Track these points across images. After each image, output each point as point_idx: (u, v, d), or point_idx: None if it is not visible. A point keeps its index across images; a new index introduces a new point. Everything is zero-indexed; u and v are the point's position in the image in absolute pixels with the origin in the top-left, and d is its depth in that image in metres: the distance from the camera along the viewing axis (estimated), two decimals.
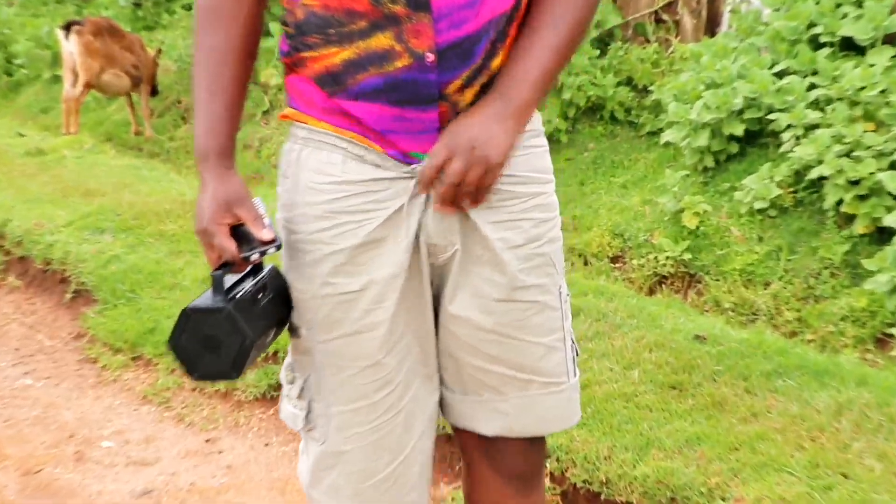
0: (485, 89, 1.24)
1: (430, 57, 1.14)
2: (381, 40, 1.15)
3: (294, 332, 1.34)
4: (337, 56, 1.15)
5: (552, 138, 4.72)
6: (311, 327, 1.28)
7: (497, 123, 1.22)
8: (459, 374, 1.36)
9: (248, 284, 1.25)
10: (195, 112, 1.29)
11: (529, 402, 1.39)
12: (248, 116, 6.94)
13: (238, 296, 1.20)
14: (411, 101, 1.18)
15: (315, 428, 1.36)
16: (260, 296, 1.25)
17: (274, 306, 1.29)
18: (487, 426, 1.38)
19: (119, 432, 2.93)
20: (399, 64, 1.15)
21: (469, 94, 1.24)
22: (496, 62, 1.24)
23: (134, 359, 3.40)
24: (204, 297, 1.20)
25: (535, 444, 1.48)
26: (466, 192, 1.19)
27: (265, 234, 1.22)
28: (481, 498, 1.53)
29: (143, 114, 7.01)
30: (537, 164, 1.34)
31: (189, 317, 1.20)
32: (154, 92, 7.02)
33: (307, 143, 1.22)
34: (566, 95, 4.71)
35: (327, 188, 1.22)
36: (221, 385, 3.11)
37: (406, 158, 1.20)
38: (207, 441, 2.88)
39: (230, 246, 1.18)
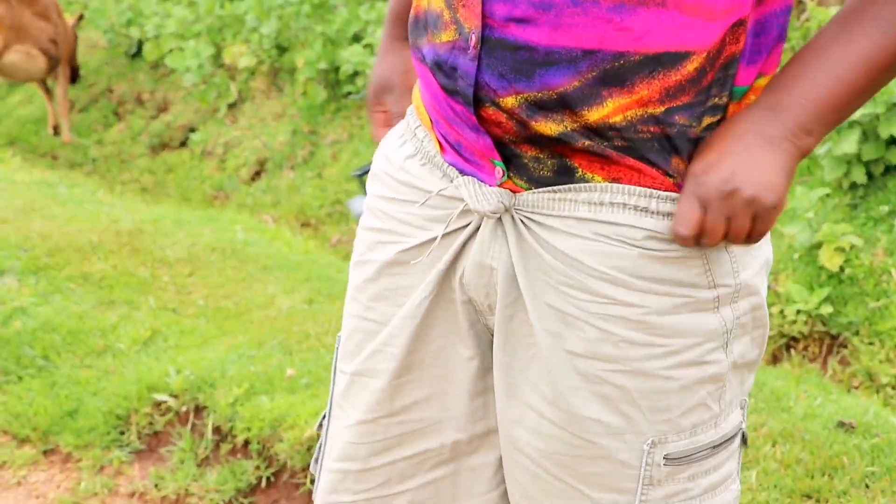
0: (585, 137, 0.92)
1: (473, 40, 0.88)
2: None
3: None
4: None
5: None
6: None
7: (765, 151, 0.92)
8: None
9: None
10: None
11: None
12: (209, 112, 5.38)
13: None
14: (454, 93, 0.92)
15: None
16: None
17: None
18: None
19: None
20: (445, 37, 0.91)
21: (551, 129, 0.94)
22: (595, 114, 0.92)
23: (45, 453, 2.54)
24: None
25: None
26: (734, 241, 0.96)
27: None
28: None
29: (61, 108, 5.45)
30: (652, 269, 0.98)
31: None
32: (74, 77, 5.54)
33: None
34: None
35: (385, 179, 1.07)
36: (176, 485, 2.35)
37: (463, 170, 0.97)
38: None
39: (379, 137, 1.12)
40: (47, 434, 2.51)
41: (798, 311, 2.98)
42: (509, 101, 0.88)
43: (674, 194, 0.88)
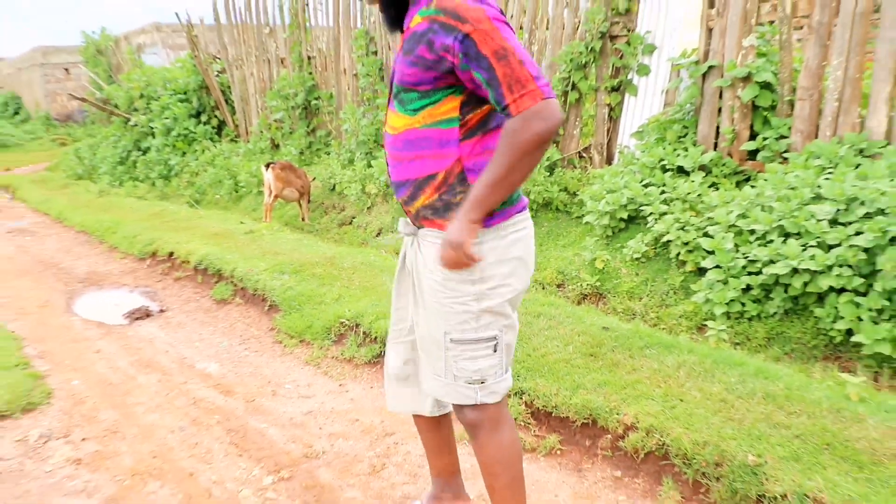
0: (420, 213, 1.84)
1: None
2: None
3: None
4: None
5: None
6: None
7: (456, 226, 1.72)
8: None
9: None
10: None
11: None
12: (362, 210, 7.67)
13: None
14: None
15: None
16: None
17: None
18: None
19: (294, 381, 3.74)
20: None
21: (411, 211, 1.86)
22: (418, 204, 1.82)
23: (301, 341, 4.26)
24: None
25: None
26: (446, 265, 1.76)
27: None
28: None
29: (304, 211, 8.20)
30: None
31: None
32: (309, 200, 8.24)
33: None
34: (532, 196, 5.75)
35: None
36: (348, 354, 3.86)
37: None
38: (340, 385, 3.66)
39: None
40: (301, 334, 4.24)
41: (587, 285, 4.66)
42: (399, 201, 1.83)
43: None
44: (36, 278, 6.49)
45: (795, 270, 3.64)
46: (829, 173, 4.03)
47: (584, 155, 6.32)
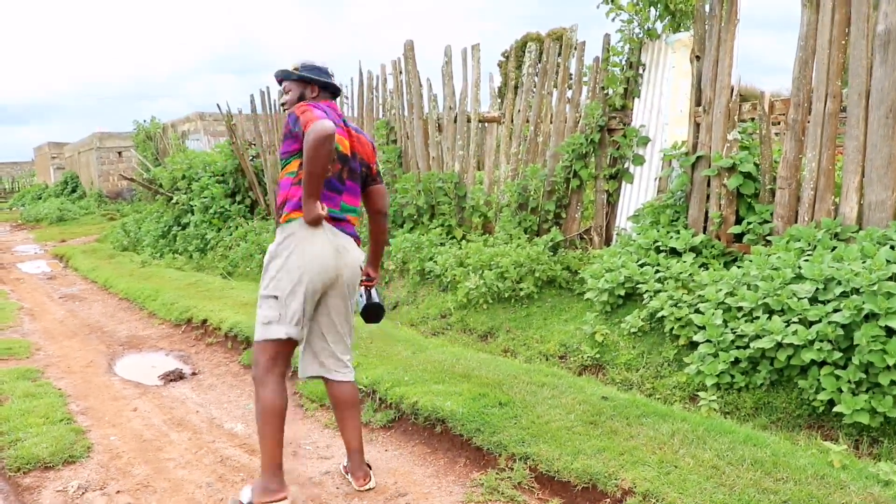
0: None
1: None
2: None
3: None
4: None
5: (529, 297, 5.71)
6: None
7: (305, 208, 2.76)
8: None
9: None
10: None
11: None
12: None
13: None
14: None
15: None
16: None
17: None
18: None
19: (313, 442, 3.74)
20: None
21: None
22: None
23: (321, 405, 4.24)
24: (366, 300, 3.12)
25: None
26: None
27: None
28: None
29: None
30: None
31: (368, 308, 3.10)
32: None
33: None
34: (536, 274, 5.75)
35: None
36: (365, 419, 3.82)
37: None
38: None
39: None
40: (322, 398, 4.19)
41: (587, 356, 4.61)
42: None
43: None
44: (82, 340, 6.55)
45: (780, 345, 3.65)
46: (809, 255, 4.07)
47: (585, 236, 6.39)
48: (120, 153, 26.38)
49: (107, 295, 9.19)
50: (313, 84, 3.05)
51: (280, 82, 3.12)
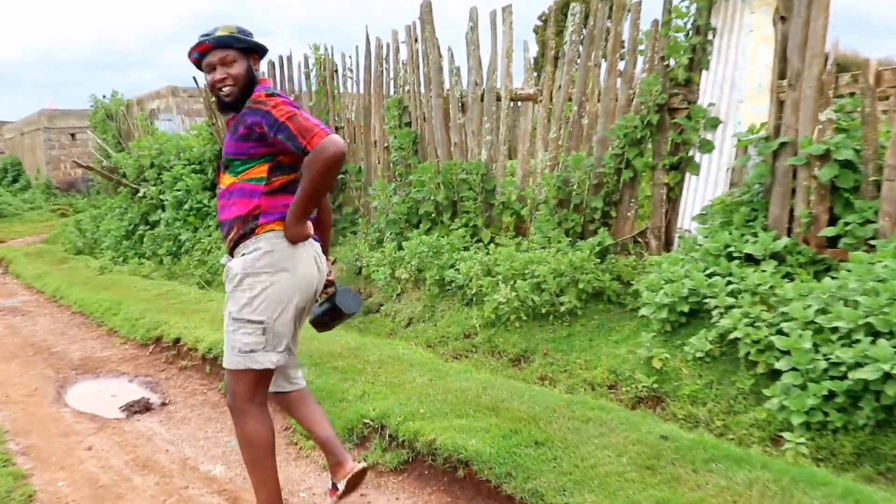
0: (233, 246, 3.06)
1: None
2: None
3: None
4: None
5: (571, 312, 5.81)
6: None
7: (289, 230, 2.96)
8: None
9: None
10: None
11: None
12: (389, 297, 7.63)
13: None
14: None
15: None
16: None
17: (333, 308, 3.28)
18: None
19: (309, 488, 3.83)
20: None
21: (228, 245, 3.08)
22: (231, 236, 3.04)
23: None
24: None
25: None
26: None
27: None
28: None
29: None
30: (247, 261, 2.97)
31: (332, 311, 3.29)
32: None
33: None
34: (580, 286, 5.82)
35: None
36: (372, 459, 3.91)
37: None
38: (362, 496, 3.74)
39: None
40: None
41: (643, 386, 4.65)
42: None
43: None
44: (24, 363, 6.65)
45: (888, 376, 3.61)
46: None
47: (640, 240, 6.42)
48: (73, 135, 26.76)
49: (56, 308, 9.33)
50: (257, 55, 3.11)
51: (205, 53, 3.06)
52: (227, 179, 3.06)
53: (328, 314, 3.37)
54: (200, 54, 3.04)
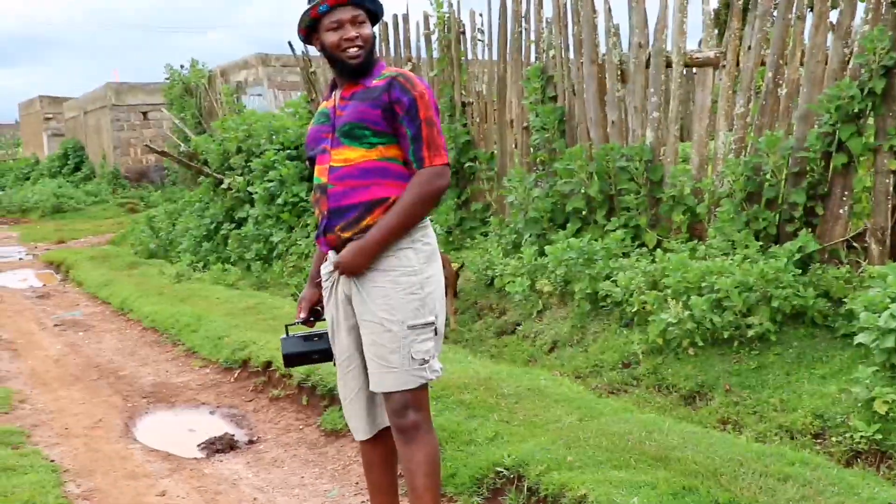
0: (360, 233, 3.14)
1: (325, 213, 3.22)
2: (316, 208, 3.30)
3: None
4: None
5: (762, 338, 5.77)
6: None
7: (353, 250, 3.14)
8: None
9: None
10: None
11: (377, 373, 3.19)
12: (527, 314, 7.86)
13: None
14: (324, 233, 3.27)
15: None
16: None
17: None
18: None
19: None
20: (318, 216, 3.28)
21: (348, 234, 3.19)
22: (365, 222, 3.16)
23: (440, 494, 3.80)
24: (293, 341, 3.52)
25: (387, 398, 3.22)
26: (345, 274, 3.19)
27: (301, 316, 3.53)
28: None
29: (450, 313, 8.16)
30: (390, 263, 3.15)
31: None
32: (456, 295, 8.40)
33: None
34: (774, 304, 5.76)
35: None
36: None
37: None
38: None
39: (299, 314, 3.52)
40: (443, 483, 3.99)
41: (861, 437, 4.56)
42: (337, 230, 3.24)
43: None
44: (87, 389, 6.95)
45: None
46: None
47: (856, 244, 6.27)
48: (145, 114, 28.02)
49: (125, 322, 9.75)
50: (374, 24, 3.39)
51: (334, 7, 3.20)
52: (351, 153, 3.20)
53: (316, 353, 3.61)
54: (329, 7, 3.17)
